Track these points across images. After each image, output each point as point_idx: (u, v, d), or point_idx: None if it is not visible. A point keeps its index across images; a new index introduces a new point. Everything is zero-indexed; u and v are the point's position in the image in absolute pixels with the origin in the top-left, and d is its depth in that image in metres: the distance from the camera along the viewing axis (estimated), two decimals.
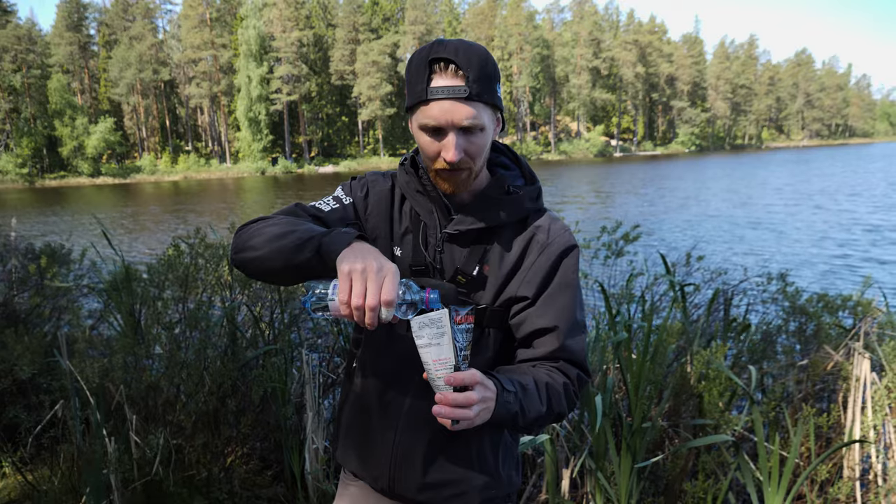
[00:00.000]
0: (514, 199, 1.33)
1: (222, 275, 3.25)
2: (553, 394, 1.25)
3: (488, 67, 1.20)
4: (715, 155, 77.09)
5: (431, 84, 1.19)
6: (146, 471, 2.69)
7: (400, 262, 1.36)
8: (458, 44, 1.20)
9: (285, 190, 39.33)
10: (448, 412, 1.05)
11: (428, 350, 1.09)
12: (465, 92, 1.17)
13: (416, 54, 1.22)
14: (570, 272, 1.34)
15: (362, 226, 1.39)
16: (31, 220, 24.22)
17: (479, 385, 1.08)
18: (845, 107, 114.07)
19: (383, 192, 1.41)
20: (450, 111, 1.19)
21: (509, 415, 1.15)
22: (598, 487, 2.66)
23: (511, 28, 76.82)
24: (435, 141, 1.23)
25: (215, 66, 70.31)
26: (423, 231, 1.35)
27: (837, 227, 15.85)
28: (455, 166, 1.23)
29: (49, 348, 3.06)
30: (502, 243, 1.34)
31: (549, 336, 1.31)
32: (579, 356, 1.33)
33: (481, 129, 1.22)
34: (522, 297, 1.32)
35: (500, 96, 1.26)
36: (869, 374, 2.92)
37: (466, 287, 1.32)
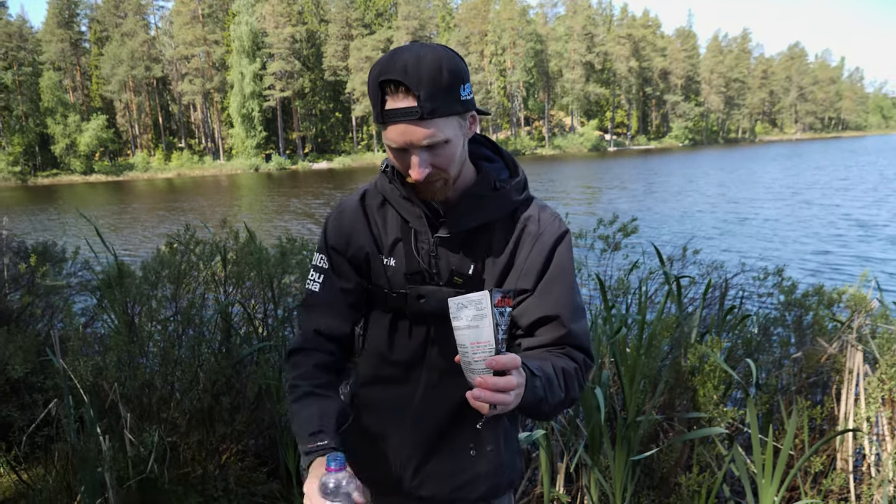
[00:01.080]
0: (501, 194, 1.33)
1: (216, 271, 3.24)
2: (569, 379, 1.25)
3: (442, 79, 1.15)
4: (709, 149, 77.25)
5: (385, 106, 1.17)
6: (141, 468, 2.68)
7: (394, 271, 1.35)
8: (409, 58, 1.14)
9: (279, 187, 39.23)
10: (489, 396, 1.02)
11: (466, 332, 1.06)
12: (417, 113, 1.14)
13: (371, 72, 1.19)
14: (565, 258, 1.34)
15: (347, 285, 1.40)
16: (24, 218, 24.10)
17: (517, 370, 1.06)
18: (838, 100, 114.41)
19: (355, 213, 1.39)
20: (406, 133, 1.17)
21: (535, 400, 1.14)
22: (593, 481, 2.66)
23: (504, 23, 76.68)
24: (402, 159, 1.23)
25: (208, 62, 70.03)
26: (414, 238, 1.34)
27: (828, 223, 15.91)
28: (425, 181, 1.23)
29: (42, 347, 3.05)
30: (495, 239, 1.33)
31: (552, 324, 1.31)
32: (583, 340, 1.33)
33: (445, 142, 1.20)
34: (522, 289, 1.32)
35: (467, 97, 1.22)
36: (862, 366, 2.94)
37: (464, 287, 1.31)
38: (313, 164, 67.12)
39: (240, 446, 3.15)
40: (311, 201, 28.10)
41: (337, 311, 1.38)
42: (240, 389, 3.12)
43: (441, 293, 1.31)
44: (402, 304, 1.35)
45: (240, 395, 3.13)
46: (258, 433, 3.25)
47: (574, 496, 2.83)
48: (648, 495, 2.79)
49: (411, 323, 1.36)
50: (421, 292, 1.33)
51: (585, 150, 78.26)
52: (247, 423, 3.08)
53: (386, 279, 1.36)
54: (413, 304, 1.33)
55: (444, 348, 1.35)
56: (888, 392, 2.85)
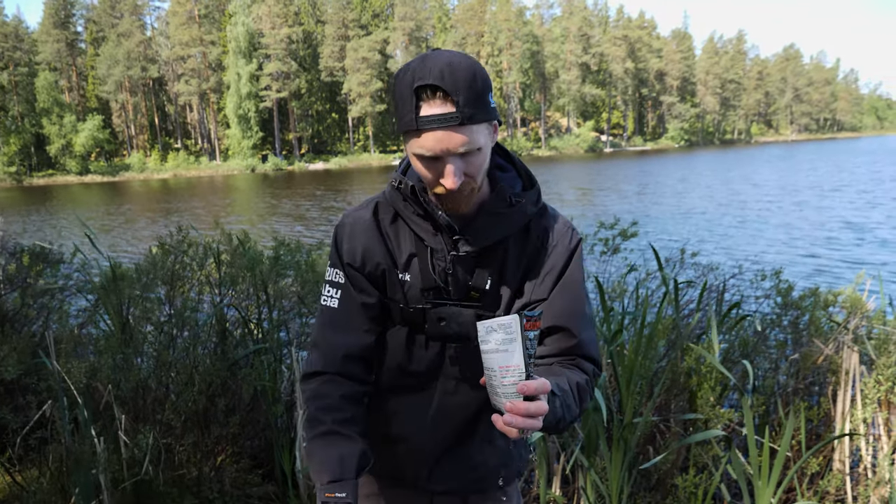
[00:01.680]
0: (517, 209, 1.30)
1: (210, 273, 3.23)
2: (583, 394, 1.25)
3: (477, 84, 1.13)
4: (704, 150, 77.39)
5: (421, 113, 1.12)
6: (136, 470, 2.66)
7: (411, 287, 1.34)
8: (443, 63, 1.11)
9: (275, 187, 39.17)
10: (521, 422, 1.00)
11: (494, 356, 1.04)
12: (457, 119, 1.11)
13: (401, 78, 1.15)
14: (577, 268, 1.35)
15: (368, 290, 1.37)
16: (17, 219, 24.02)
17: (543, 401, 1.03)
18: (833, 101, 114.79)
19: (369, 227, 1.36)
20: (443, 140, 1.13)
21: (554, 420, 1.13)
22: (589, 483, 2.66)
23: (501, 24, 76.76)
24: (432, 168, 1.19)
25: (204, 62, 69.88)
26: (430, 255, 1.32)
27: (822, 225, 15.94)
28: (456, 192, 1.21)
29: (36, 349, 3.03)
30: (509, 253, 1.33)
31: (562, 333, 1.31)
32: (593, 350, 1.33)
33: (479, 150, 1.18)
34: (536, 300, 1.33)
35: (493, 105, 1.20)
36: (858, 367, 2.94)
37: (481, 302, 1.32)
38: (310, 165, 67.05)
39: (235, 448, 3.14)
40: (302, 202, 28.06)
41: (359, 328, 1.35)
42: (235, 391, 3.11)
43: (462, 315, 1.31)
44: (418, 318, 1.34)
45: (235, 397, 3.12)
46: (253, 435, 3.24)
47: (570, 497, 2.82)
48: (645, 497, 2.78)
49: (427, 338, 1.36)
50: (442, 315, 1.32)
51: (582, 151, 78.38)
52: (242, 425, 3.07)
53: (402, 294, 1.34)
54: (433, 326, 1.33)
55: (460, 359, 1.36)
56: (884, 393, 2.86)
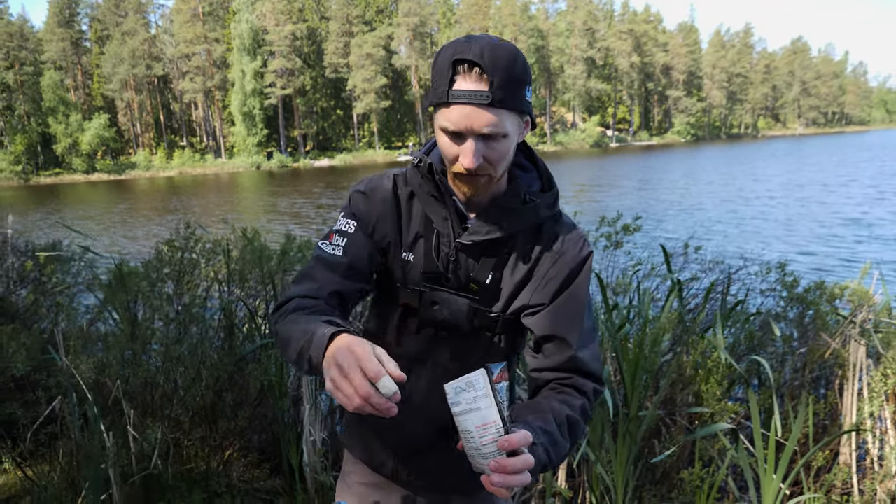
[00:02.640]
0: (530, 208, 1.29)
1: (218, 270, 3.25)
2: (574, 426, 1.22)
3: (516, 70, 1.12)
4: (711, 144, 77.08)
5: (454, 86, 1.13)
6: (145, 465, 2.69)
7: (412, 267, 1.33)
8: (486, 44, 1.11)
9: (281, 185, 39.23)
10: (509, 481, 0.97)
11: (468, 417, 0.99)
12: (487, 98, 1.11)
13: (443, 50, 1.15)
14: (583, 281, 1.32)
15: (371, 255, 1.32)
16: (27, 217, 24.14)
17: (528, 456, 1.00)
18: (841, 95, 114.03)
19: (386, 197, 1.35)
20: (470, 117, 1.13)
21: (540, 465, 1.09)
22: (594, 476, 2.67)
23: (506, 18, 76.57)
24: (454, 144, 1.18)
25: (209, 60, 70.01)
26: (436, 239, 1.31)
27: (827, 219, 15.85)
28: (473, 172, 1.19)
29: (46, 345, 3.06)
30: (516, 251, 1.31)
31: (560, 345, 1.29)
32: (592, 366, 1.30)
33: (504, 136, 1.16)
34: (536, 304, 1.31)
35: (529, 99, 1.19)
36: (865, 361, 2.94)
37: (479, 295, 1.30)
38: (315, 162, 67.11)
39: (242, 442, 3.16)
40: (298, 200, 28.07)
41: (355, 277, 1.30)
42: (242, 386, 3.13)
43: (456, 303, 1.30)
44: (413, 300, 1.33)
45: (242, 392, 3.14)
46: (261, 430, 3.26)
47: (576, 491, 2.83)
48: (650, 490, 2.79)
49: (420, 322, 1.35)
50: (436, 298, 1.30)
51: (587, 146, 78.18)
52: (249, 420, 3.09)
53: (402, 273, 1.34)
54: (426, 308, 1.32)
55: (449, 347, 1.35)
56: (892, 387, 2.85)
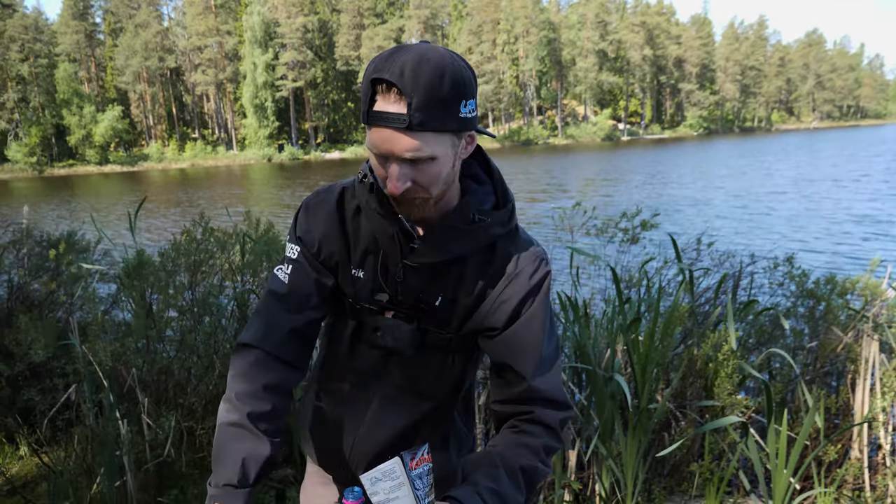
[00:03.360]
0: (479, 228, 1.19)
1: (233, 261, 3.28)
2: (530, 474, 1.19)
3: (442, 90, 1.01)
4: (724, 138, 76.49)
5: (374, 107, 1.04)
6: (158, 452, 2.73)
7: (362, 284, 1.27)
8: (408, 59, 1.00)
9: (291, 177, 39.34)
10: None
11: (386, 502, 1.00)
12: (404, 122, 1.01)
13: (368, 65, 1.06)
14: (539, 304, 1.24)
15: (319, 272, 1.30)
16: (41, 208, 24.37)
17: None
18: (857, 88, 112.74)
19: (330, 213, 1.28)
20: (389, 140, 1.04)
21: None
22: (604, 468, 2.68)
23: (517, 11, 76.19)
24: (380, 167, 1.10)
25: (220, 53, 70.22)
26: (382, 258, 1.25)
27: (839, 215, 15.71)
28: (402, 197, 1.10)
29: (63, 332, 3.10)
30: (467, 272, 1.23)
31: (510, 376, 1.25)
32: (552, 393, 1.25)
33: (431, 159, 1.07)
34: (489, 328, 1.25)
35: (468, 115, 1.07)
36: (878, 355, 2.93)
37: (428, 317, 1.25)
38: (326, 154, 67.24)
39: None
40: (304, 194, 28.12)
41: (307, 305, 1.28)
42: None
43: (399, 329, 1.25)
44: (364, 317, 1.29)
45: None
46: None
47: (585, 483, 2.84)
48: (660, 482, 2.80)
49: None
50: (378, 324, 1.27)
51: (598, 139, 77.82)
52: None
53: (353, 289, 1.29)
54: (369, 334, 1.29)
55: (402, 365, 1.31)
56: None
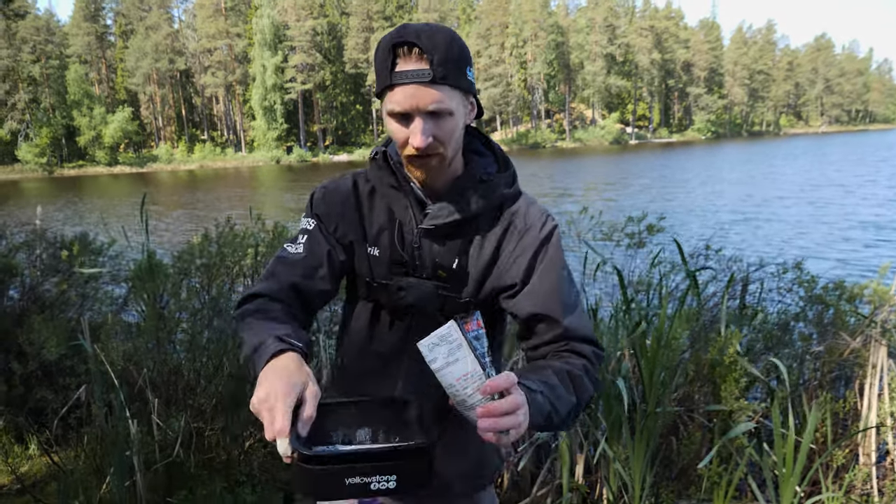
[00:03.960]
0: (487, 186, 1.30)
1: (245, 264, 3.30)
2: (577, 380, 1.20)
3: (454, 49, 1.16)
4: (732, 142, 76.18)
5: (395, 69, 1.16)
6: (168, 452, 2.75)
7: (378, 261, 1.33)
8: (421, 27, 1.16)
9: (300, 179, 39.45)
10: (497, 424, 0.95)
11: (447, 371, 0.99)
12: (428, 75, 1.14)
13: (381, 42, 1.19)
14: (553, 254, 1.30)
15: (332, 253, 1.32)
16: (51, 208, 24.53)
17: (517, 395, 0.98)
18: (866, 92, 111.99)
19: (345, 195, 1.36)
20: (415, 96, 1.16)
21: (543, 415, 1.08)
22: (612, 472, 2.68)
23: (526, 14, 76.21)
24: (403, 127, 1.20)
25: (230, 55, 70.57)
26: (398, 228, 1.32)
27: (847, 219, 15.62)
28: (424, 152, 1.20)
29: (74, 333, 3.13)
30: (479, 234, 1.31)
31: (545, 323, 1.27)
32: (584, 331, 1.28)
33: (449, 114, 1.19)
34: (508, 286, 1.29)
35: (472, 80, 1.23)
36: (886, 361, 2.92)
37: (447, 281, 1.29)
38: (334, 157, 67.39)
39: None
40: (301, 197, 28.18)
41: (316, 274, 1.29)
42: None
43: (423, 287, 1.29)
44: (382, 293, 1.32)
45: None
46: None
47: (593, 487, 2.84)
48: (668, 486, 2.80)
49: (392, 316, 1.34)
50: (402, 284, 1.30)
51: (606, 143, 77.66)
52: None
53: (369, 268, 1.33)
54: (393, 295, 1.30)
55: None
56: None
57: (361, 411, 1.16)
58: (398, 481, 0.96)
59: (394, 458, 0.97)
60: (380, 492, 0.95)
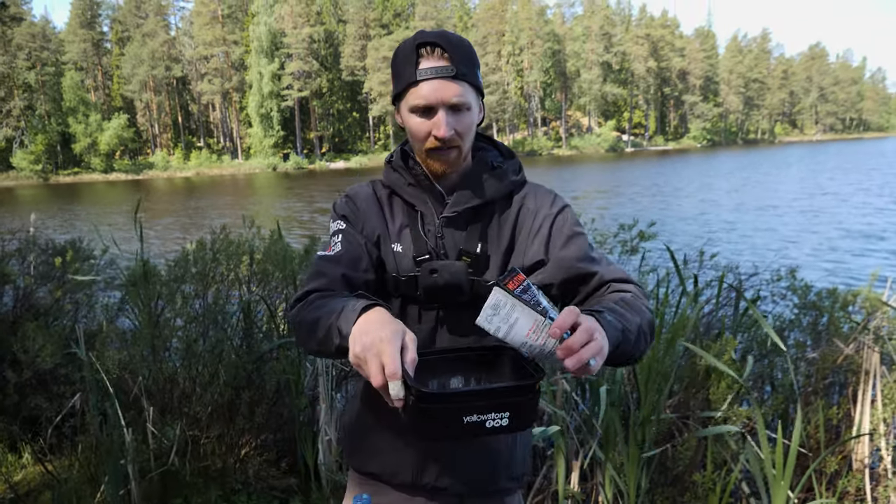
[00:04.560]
0: (499, 173, 1.41)
1: (240, 271, 3.30)
2: (633, 303, 1.25)
3: (470, 53, 1.30)
4: (727, 150, 76.43)
5: (420, 66, 1.27)
6: (163, 461, 2.74)
7: (402, 256, 1.38)
8: (439, 30, 1.30)
9: (296, 186, 39.44)
10: (581, 355, 0.96)
11: (514, 332, 1.00)
12: (452, 71, 1.26)
13: (402, 44, 1.31)
14: (569, 223, 1.39)
15: (367, 248, 1.36)
16: (45, 215, 24.47)
17: (584, 320, 1.00)
18: (860, 101, 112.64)
19: (368, 197, 1.44)
20: (439, 89, 1.26)
21: (618, 331, 1.11)
22: (607, 478, 2.68)
23: (522, 23, 76.50)
24: (426, 120, 1.30)
25: (227, 62, 70.59)
26: (420, 220, 1.39)
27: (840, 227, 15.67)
28: (446, 143, 1.30)
29: (68, 341, 3.12)
30: (496, 219, 1.40)
31: (581, 280, 1.33)
32: (621, 274, 1.34)
33: (468, 108, 1.30)
34: (535, 262, 1.36)
35: (481, 81, 1.35)
36: (879, 367, 2.93)
37: (472, 266, 1.35)
38: (330, 164, 67.39)
39: (259, 441, 3.20)
40: (296, 204, 28.22)
41: (359, 266, 1.34)
42: (260, 385, 3.17)
43: (454, 266, 1.34)
44: (411, 288, 1.36)
45: (259, 391, 3.18)
46: (277, 428, 3.30)
47: (588, 493, 2.85)
48: (663, 493, 2.80)
49: (420, 308, 1.38)
50: (434, 266, 1.34)
51: (602, 150, 77.84)
52: (266, 418, 3.13)
53: (395, 264, 1.38)
54: (426, 279, 1.34)
55: (454, 330, 1.37)
56: None
57: (452, 361, 1.18)
58: (511, 418, 0.98)
59: (508, 395, 0.99)
60: (494, 430, 0.97)
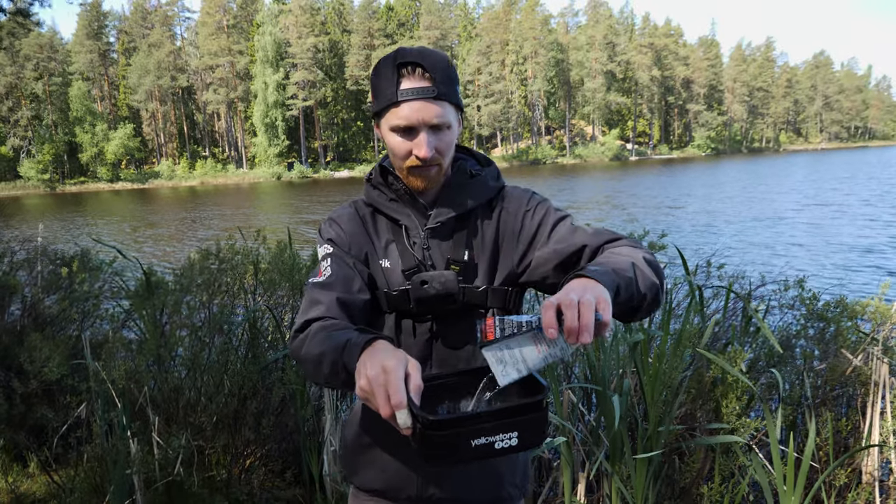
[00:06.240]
0: (478, 180, 1.42)
1: (245, 280, 3.30)
2: (621, 250, 1.24)
3: (450, 70, 1.30)
4: (731, 158, 76.38)
5: (401, 87, 1.26)
6: (168, 471, 2.73)
7: (391, 271, 1.39)
8: (419, 49, 1.29)
9: (300, 195, 39.55)
10: (585, 331, 0.94)
11: (529, 362, 1.01)
12: (433, 92, 1.26)
13: (382, 61, 1.30)
14: (550, 215, 1.39)
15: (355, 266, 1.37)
16: (52, 224, 24.59)
17: (562, 296, 0.98)
18: (865, 109, 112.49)
19: (351, 217, 1.45)
20: (420, 110, 1.26)
21: (608, 273, 1.09)
22: (614, 490, 2.66)
23: (526, 32, 76.82)
24: (406, 140, 1.30)
25: (232, 72, 71.03)
26: (406, 234, 1.40)
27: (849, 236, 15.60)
28: (427, 162, 1.30)
29: (74, 350, 3.13)
30: (479, 226, 1.41)
31: (574, 255, 1.31)
32: (609, 235, 1.32)
33: (448, 127, 1.31)
34: (527, 261, 1.38)
35: (460, 98, 1.35)
36: (888, 378, 2.91)
37: (461, 274, 1.36)
38: (335, 173, 67.60)
39: (264, 451, 3.20)
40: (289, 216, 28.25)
41: (352, 288, 1.33)
42: (265, 395, 3.17)
43: (444, 275, 1.34)
44: (403, 302, 1.36)
45: (265, 401, 3.18)
46: (282, 439, 3.30)
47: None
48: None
49: (414, 322, 1.38)
50: (423, 277, 1.34)
51: (607, 159, 77.87)
52: (271, 429, 3.13)
53: (385, 280, 1.39)
54: (417, 290, 1.33)
55: (448, 341, 1.38)
56: None
57: (460, 384, 1.18)
58: (520, 437, 0.99)
59: (515, 414, 0.99)
60: (504, 451, 0.97)
